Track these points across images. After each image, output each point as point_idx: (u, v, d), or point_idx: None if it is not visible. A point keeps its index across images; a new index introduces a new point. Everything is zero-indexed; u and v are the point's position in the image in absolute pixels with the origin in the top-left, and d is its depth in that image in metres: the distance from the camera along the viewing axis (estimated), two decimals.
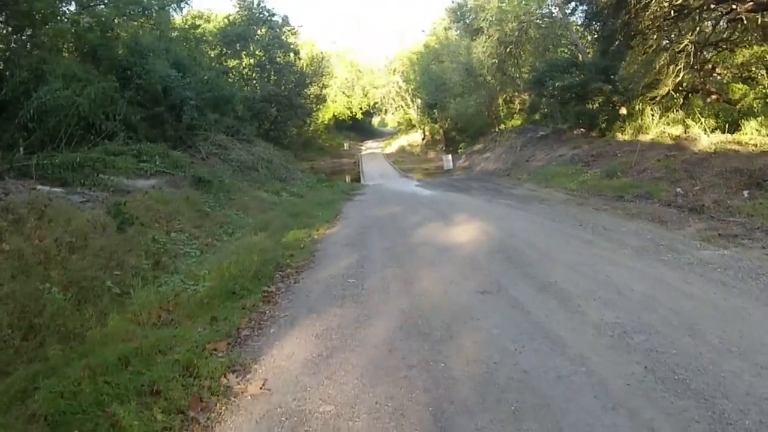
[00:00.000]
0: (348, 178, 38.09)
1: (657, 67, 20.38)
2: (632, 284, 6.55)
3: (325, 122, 60.30)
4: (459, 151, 40.08)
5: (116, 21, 19.98)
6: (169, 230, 10.48)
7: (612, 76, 22.79)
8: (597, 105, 25.15)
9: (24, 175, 10.63)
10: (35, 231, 7.65)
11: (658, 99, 21.21)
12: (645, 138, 20.31)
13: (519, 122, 36.63)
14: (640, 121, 21.74)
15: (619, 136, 22.21)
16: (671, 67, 20.05)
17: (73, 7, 19.07)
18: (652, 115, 21.25)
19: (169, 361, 4.91)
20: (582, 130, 25.67)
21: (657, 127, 20.77)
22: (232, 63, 35.77)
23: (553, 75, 24.85)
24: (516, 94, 36.36)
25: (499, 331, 5.34)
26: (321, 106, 49.36)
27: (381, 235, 11.26)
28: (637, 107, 22.52)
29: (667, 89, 20.57)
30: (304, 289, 7.50)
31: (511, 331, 5.34)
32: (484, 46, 31.25)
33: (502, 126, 37.12)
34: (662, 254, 8.01)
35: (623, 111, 23.50)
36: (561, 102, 26.13)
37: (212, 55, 33.89)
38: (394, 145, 60.48)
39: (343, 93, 64.35)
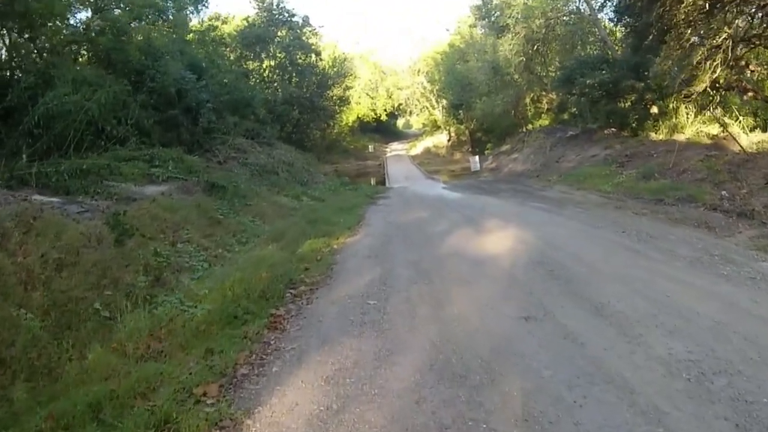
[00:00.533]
0: (373, 181, 37.25)
1: (694, 62, 19.15)
2: (695, 305, 5.56)
3: (349, 124, 59.36)
4: (485, 152, 38.85)
5: (131, 25, 19.26)
6: (175, 241, 9.61)
7: (645, 73, 21.51)
8: (629, 103, 23.89)
9: (25, 184, 9.91)
10: (20, 247, 6.80)
11: (694, 96, 19.89)
12: (680, 137, 19.27)
13: (547, 122, 35.31)
14: (674, 119, 20.85)
15: (653, 136, 21.13)
16: (708, 63, 18.82)
17: (89, 13, 18.53)
18: (687, 114, 20.36)
19: (146, 411, 3.99)
20: (613, 129, 24.43)
21: (692, 126, 19.85)
22: (252, 65, 35.05)
23: (583, 72, 23.63)
24: (543, 93, 35.06)
25: (551, 373, 4.33)
26: (344, 108, 48.20)
27: (406, 245, 10.21)
28: (670, 105, 21.37)
29: (704, 86, 19.22)
30: (317, 312, 6.50)
31: (565, 371, 4.33)
32: (510, 44, 30.12)
33: (530, 126, 35.83)
34: (719, 267, 7.04)
35: (654, 110, 22.46)
36: (591, 100, 24.84)
37: (231, 58, 33.17)
38: (419, 147, 59.18)
39: (367, 94, 63.12)
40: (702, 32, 19.15)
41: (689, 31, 19.36)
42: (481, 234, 10.80)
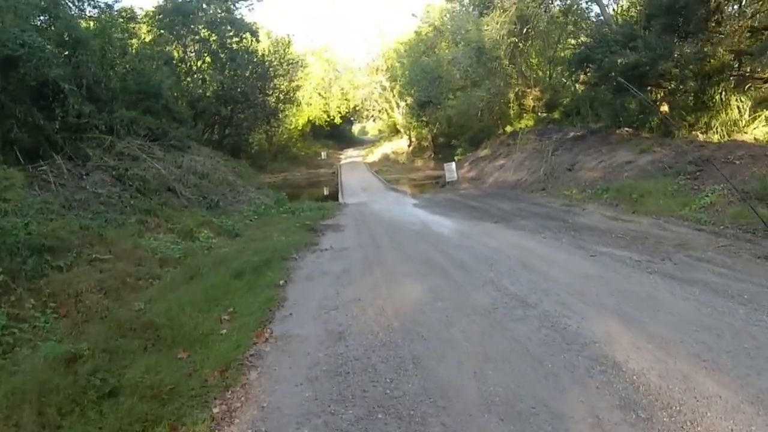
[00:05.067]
0: (326, 190, 31.12)
1: None
2: None
3: (299, 128, 51.24)
4: (455, 158, 31.60)
5: None
6: None
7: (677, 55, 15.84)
8: (661, 94, 17.84)
9: None
10: None
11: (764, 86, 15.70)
12: (742, 138, 14.82)
13: (531, 123, 28.31)
14: (725, 115, 15.58)
15: (699, 136, 15.75)
16: None
17: None
18: (739, 110, 15.44)
19: None
20: (627, 129, 18.61)
21: (753, 124, 15.29)
22: (175, 51, 26.60)
23: (609, 51, 16.78)
24: (527, 89, 28.19)
25: None
26: (290, 106, 39.64)
27: None
28: (717, 97, 15.78)
29: None
30: None
31: None
32: (497, 21, 23.03)
33: (508, 128, 28.92)
34: None
35: (664, 108, 17.58)
36: (615, 89, 17.93)
37: (146, 39, 25.09)
38: (376, 153, 52.23)
39: (319, 94, 54.45)
40: None
41: None
42: None
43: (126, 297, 6.57)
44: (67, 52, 14.40)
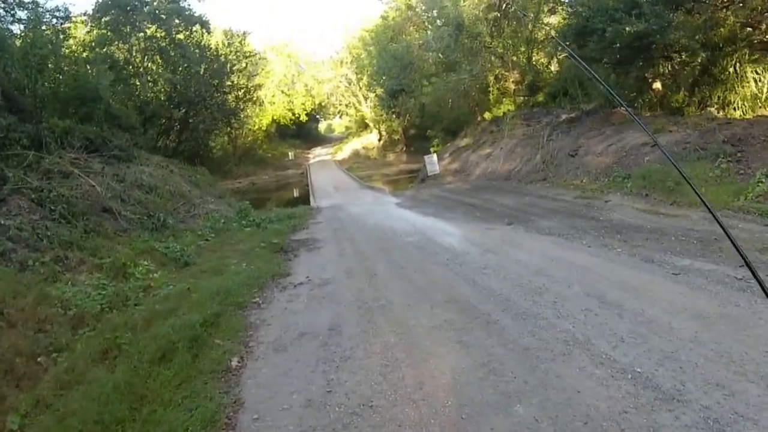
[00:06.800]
0: (295, 192, 29.35)
1: None
2: None
3: (264, 129, 48.67)
4: (432, 150, 29.42)
5: None
6: None
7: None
8: (668, 68, 15.98)
9: None
10: None
11: None
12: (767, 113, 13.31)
13: (511, 108, 26.17)
14: (742, 89, 13.97)
15: (716, 113, 14.09)
16: None
17: None
18: (756, 82, 13.80)
19: None
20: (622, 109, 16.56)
21: None
22: (119, 51, 23.62)
23: (610, 20, 14.63)
24: (506, 72, 26.07)
25: None
26: (251, 105, 36.54)
27: None
28: (731, 70, 14.12)
29: None
30: None
31: None
32: None
33: (487, 114, 26.81)
34: None
35: (657, 85, 16.32)
36: (617, 62, 15.84)
37: (86, 39, 22.38)
38: (346, 150, 50.21)
39: (282, 92, 51.50)
40: None
41: None
42: None
43: (9, 396, 4.22)
44: None
